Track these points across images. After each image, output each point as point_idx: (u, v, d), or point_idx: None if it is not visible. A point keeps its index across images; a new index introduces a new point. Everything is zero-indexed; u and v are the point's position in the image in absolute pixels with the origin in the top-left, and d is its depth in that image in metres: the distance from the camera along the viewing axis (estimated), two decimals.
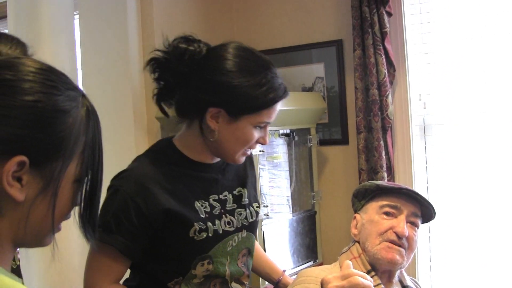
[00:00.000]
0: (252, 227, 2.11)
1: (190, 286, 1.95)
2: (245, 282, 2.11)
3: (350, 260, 2.15)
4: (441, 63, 3.74)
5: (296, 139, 3.71)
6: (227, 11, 4.37)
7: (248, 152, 2.00)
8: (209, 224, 1.94)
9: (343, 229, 3.97)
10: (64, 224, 1.11)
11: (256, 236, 2.18)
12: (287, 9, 4.20)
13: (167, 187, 1.90)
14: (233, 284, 2.05)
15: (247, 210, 2.09)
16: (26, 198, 0.99)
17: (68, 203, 1.07)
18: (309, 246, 3.80)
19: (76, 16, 3.67)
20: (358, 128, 3.75)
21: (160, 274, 1.96)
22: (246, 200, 2.10)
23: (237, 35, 4.37)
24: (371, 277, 2.07)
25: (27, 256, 3.06)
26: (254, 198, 2.17)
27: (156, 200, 1.86)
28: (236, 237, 2.02)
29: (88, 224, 1.10)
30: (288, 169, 3.63)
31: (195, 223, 1.91)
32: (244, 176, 2.15)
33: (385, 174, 3.65)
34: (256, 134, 1.93)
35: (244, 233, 2.07)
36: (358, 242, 2.19)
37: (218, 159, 2.04)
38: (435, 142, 3.81)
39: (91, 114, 1.08)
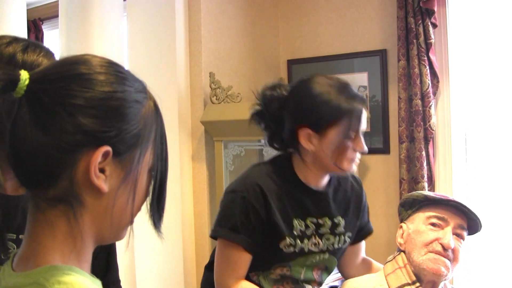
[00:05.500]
0: (335, 252, 2.25)
1: (267, 280, 2.20)
2: (315, 287, 2.28)
3: (395, 269, 2.18)
4: (484, 75, 3.74)
5: None
6: (272, 19, 4.42)
7: (356, 160, 2.13)
8: (298, 241, 2.14)
9: (382, 238, 3.98)
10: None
11: (338, 259, 2.32)
12: (332, 18, 4.23)
13: (275, 200, 2.11)
14: (305, 284, 2.25)
15: (337, 238, 2.23)
16: (109, 190, 1.02)
17: (144, 193, 1.10)
18: None
19: (125, 18, 3.73)
20: (400, 138, 3.77)
21: None
22: (341, 230, 2.23)
23: (282, 42, 4.42)
24: None
25: None
26: (352, 227, 2.30)
27: (269, 206, 2.09)
28: (318, 256, 2.20)
29: (157, 213, 1.12)
30: None
31: (287, 237, 2.12)
32: (346, 208, 2.28)
33: (426, 184, 3.67)
34: (349, 143, 2.06)
35: (326, 255, 2.23)
36: (404, 251, 2.21)
37: (324, 185, 2.22)
38: (476, 154, 3.81)
39: (157, 105, 1.11)
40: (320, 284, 2.29)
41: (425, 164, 3.68)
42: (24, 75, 0.98)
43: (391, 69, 3.99)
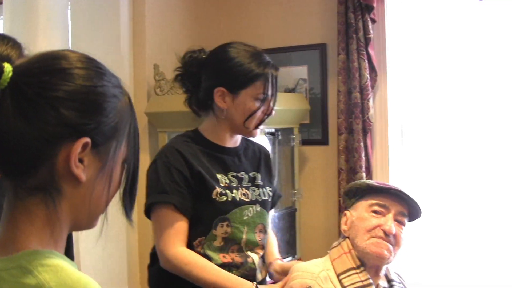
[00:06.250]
0: (264, 204, 2.43)
1: (211, 249, 2.28)
2: (260, 253, 2.41)
3: (341, 255, 2.27)
4: (419, 69, 3.89)
5: (280, 138, 3.81)
6: (214, 12, 4.46)
7: (259, 125, 2.34)
8: (228, 191, 2.30)
9: (322, 227, 4.09)
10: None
11: (268, 214, 2.48)
12: (273, 11, 4.31)
13: (194, 159, 2.27)
14: (249, 252, 2.36)
15: (260, 189, 2.43)
16: (87, 179, 1.07)
17: (118, 183, 1.15)
18: (289, 242, 3.90)
19: (69, 8, 3.70)
20: (339, 130, 3.88)
21: (188, 233, 2.26)
22: (260, 182, 2.44)
23: (223, 35, 4.45)
24: (361, 272, 2.20)
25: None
26: (268, 183, 2.50)
27: (190, 164, 2.24)
28: (251, 208, 2.36)
29: (129, 202, 1.18)
30: None
31: (216, 187, 2.26)
32: (258, 164, 2.49)
33: (364, 174, 3.79)
34: (259, 105, 2.28)
35: (258, 207, 2.39)
36: (348, 237, 2.31)
37: (236, 145, 2.42)
38: (411, 145, 3.96)
39: (131, 100, 1.17)
40: (263, 247, 2.43)
41: (363, 155, 3.80)
42: (8, 67, 1.02)
43: (330, 62, 4.08)
